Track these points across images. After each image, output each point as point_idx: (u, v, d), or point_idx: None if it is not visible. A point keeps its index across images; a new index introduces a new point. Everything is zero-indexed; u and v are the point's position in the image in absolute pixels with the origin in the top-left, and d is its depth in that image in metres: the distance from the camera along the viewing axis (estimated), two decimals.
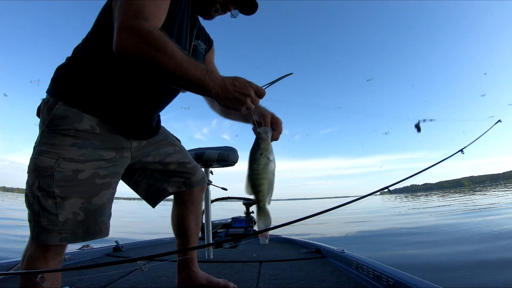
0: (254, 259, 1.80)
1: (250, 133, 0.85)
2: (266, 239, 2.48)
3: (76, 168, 0.78)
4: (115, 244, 2.16)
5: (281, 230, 2.70)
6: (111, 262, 0.67)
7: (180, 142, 1.18)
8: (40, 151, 0.77)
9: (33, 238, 0.76)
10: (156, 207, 1.12)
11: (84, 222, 0.79)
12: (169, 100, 1.00)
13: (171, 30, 0.82)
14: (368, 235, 5.44)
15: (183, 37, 0.90)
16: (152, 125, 1.00)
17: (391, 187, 0.84)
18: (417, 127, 1.27)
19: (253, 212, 3.14)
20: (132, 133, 0.92)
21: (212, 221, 2.16)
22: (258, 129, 0.78)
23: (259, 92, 0.74)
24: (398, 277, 1.05)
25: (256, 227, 2.92)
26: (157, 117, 1.05)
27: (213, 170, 2.00)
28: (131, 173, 1.06)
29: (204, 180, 1.21)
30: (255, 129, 0.81)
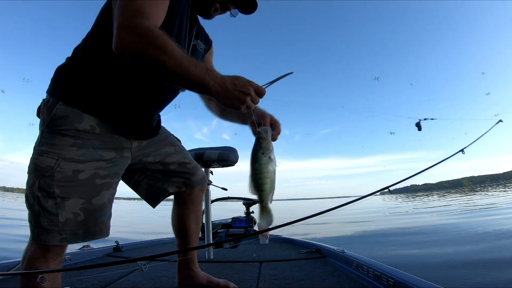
0: (254, 259, 1.80)
1: (250, 133, 0.85)
2: (266, 239, 2.48)
3: (76, 168, 0.78)
4: (115, 244, 2.16)
5: (282, 230, 2.69)
6: (111, 263, 0.67)
7: (180, 142, 1.18)
8: (40, 151, 0.77)
9: (34, 239, 0.76)
10: (156, 207, 1.12)
11: (85, 223, 0.79)
12: (169, 100, 1.00)
13: (171, 29, 0.82)
14: (368, 235, 5.44)
15: (183, 36, 0.90)
16: (153, 125, 1.00)
17: (391, 187, 0.85)
18: (418, 126, 1.28)
19: (253, 212, 3.14)
20: (132, 133, 0.93)
21: (212, 221, 2.16)
22: (259, 129, 0.79)
23: (259, 91, 0.73)
24: (398, 277, 1.05)
25: (256, 227, 2.92)
26: (157, 117, 1.05)
27: (213, 170, 2.00)
28: (132, 173, 1.06)
29: (205, 180, 1.21)
30: (255, 130, 0.81)
